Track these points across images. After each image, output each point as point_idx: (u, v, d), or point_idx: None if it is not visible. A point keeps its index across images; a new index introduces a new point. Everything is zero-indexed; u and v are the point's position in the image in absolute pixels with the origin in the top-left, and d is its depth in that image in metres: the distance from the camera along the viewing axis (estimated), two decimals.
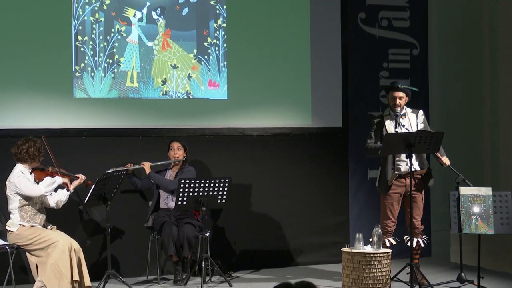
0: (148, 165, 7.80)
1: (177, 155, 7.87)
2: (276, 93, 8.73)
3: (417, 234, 7.51)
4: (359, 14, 9.03)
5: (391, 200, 7.53)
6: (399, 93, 7.48)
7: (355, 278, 6.89)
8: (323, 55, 8.89)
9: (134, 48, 8.24)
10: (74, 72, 8.05)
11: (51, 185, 6.91)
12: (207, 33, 8.47)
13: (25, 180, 6.85)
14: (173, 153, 7.88)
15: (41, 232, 6.85)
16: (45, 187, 6.86)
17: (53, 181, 6.93)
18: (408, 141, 7.03)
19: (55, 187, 6.95)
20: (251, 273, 8.37)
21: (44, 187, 6.86)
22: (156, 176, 7.81)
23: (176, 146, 7.88)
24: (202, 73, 8.47)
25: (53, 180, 6.93)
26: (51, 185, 6.90)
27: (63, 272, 6.70)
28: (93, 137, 8.12)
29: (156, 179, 7.79)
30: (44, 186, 6.86)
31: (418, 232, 7.50)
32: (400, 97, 7.48)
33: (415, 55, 9.23)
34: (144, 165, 7.80)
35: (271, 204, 8.77)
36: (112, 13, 8.14)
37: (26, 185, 6.83)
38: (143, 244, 8.06)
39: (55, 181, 6.94)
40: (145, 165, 7.80)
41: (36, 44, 7.92)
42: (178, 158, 7.89)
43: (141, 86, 8.27)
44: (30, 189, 6.83)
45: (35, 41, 7.91)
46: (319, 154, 8.91)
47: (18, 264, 7.49)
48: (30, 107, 7.92)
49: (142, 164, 7.81)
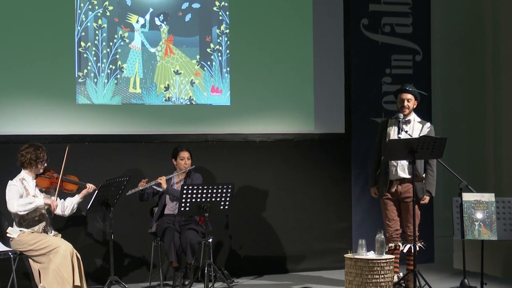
0: (164, 180, 7.72)
1: (187, 165, 7.86)
2: (279, 99, 8.76)
3: (409, 241, 7.50)
4: (362, 20, 9.06)
5: (385, 204, 7.60)
6: (407, 95, 7.49)
7: (358, 284, 6.89)
8: (325, 61, 8.92)
9: (137, 54, 8.27)
10: (77, 78, 8.09)
11: (27, 205, 6.81)
12: (210, 39, 8.50)
13: (11, 192, 6.84)
14: (183, 163, 7.85)
15: (42, 237, 6.86)
16: (19, 205, 6.79)
17: (30, 202, 6.83)
18: (411, 147, 7.03)
19: (32, 207, 6.83)
20: (253, 279, 8.38)
21: (18, 205, 6.79)
22: (172, 190, 7.78)
23: (187, 156, 7.86)
24: (205, 79, 8.50)
25: (30, 200, 6.83)
26: (26, 205, 6.81)
27: (65, 278, 6.71)
28: (96, 143, 8.14)
29: (173, 193, 7.75)
30: (18, 204, 6.79)
31: (410, 239, 7.47)
32: (408, 99, 7.49)
33: (417, 61, 9.25)
34: (161, 180, 7.71)
35: (274, 210, 8.79)
36: (115, 19, 8.18)
37: (8, 196, 6.84)
38: (146, 250, 8.08)
39: (32, 201, 6.83)
40: (162, 181, 7.71)
41: (39, 50, 7.95)
42: (188, 167, 7.88)
43: (144, 92, 8.30)
44: (8, 203, 6.83)
45: (38, 47, 7.95)
46: (321, 160, 8.93)
47: (21, 271, 7.50)
48: (33, 113, 7.95)
49: (158, 180, 7.71)
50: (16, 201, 6.80)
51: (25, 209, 6.82)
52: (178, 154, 7.87)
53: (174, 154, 7.89)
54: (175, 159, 7.89)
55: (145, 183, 7.68)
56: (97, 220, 8.11)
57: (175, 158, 7.89)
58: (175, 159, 7.89)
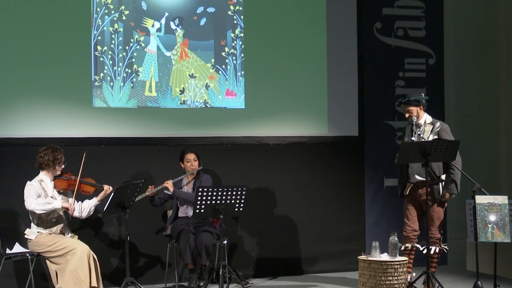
0: (170, 184, 7.76)
1: (194, 166, 7.89)
2: (292, 102, 8.78)
3: (431, 243, 7.46)
4: (375, 24, 9.07)
5: (406, 204, 7.61)
6: (407, 107, 7.51)
7: (371, 286, 6.91)
8: (339, 64, 8.93)
9: (153, 58, 8.32)
10: (94, 81, 8.14)
11: (45, 205, 6.85)
12: (225, 43, 8.54)
13: (29, 191, 6.90)
14: (190, 165, 7.88)
15: (59, 239, 6.91)
16: (37, 203, 6.83)
17: (49, 202, 6.88)
18: (424, 150, 7.03)
19: (49, 208, 6.87)
20: (268, 281, 8.40)
21: (36, 204, 6.83)
22: (180, 192, 7.81)
23: (193, 158, 7.89)
24: (220, 83, 8.54)
25: (49, 201, 6.89)
26: (45, 205, 6.85)
27: (82, 279, 6.75)
28: (112, 146, 8.18)
29: (180, 195, 7.79)
30: (36, 202, 6.83)
31: (432, 241, 7.46)
32: (409, 110, 7.51)
33: (431, 64, 9.25)
34: (167, 184, 7.76)
35: (288, 213, 8.79)
36: (131, 24, 8.24)
37: (26, 195, 6.89)
38: (161, 251, 8.11)
39: (51, 203, 6.88)
40: (168, 185, 7.76)
41: (56, 54, 8.00)
42: (195, 169, 7.91)
43: (160, 96, 8.34)
44: (26, 200, 6.88)
45: (55, 51, 8.00)
46: (335, 162, 8.94)
47: (38, 271, 7.55)
48: (51, 116, 8.00)
49: (164, 184, 7.76)
50: (34, 199, 6.84)
51: (43, 209, 6.85)
52: (184, 157, 7.90)
53: (181, 157, 7.93)
54: (182, 162, 7.93)
55: (152, 188, 7.72)
56: (113, 222, 8.15)
57: (182, 161, 7.93)
58: (182, 162, 7.93)
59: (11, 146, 7.85)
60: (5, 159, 7.84)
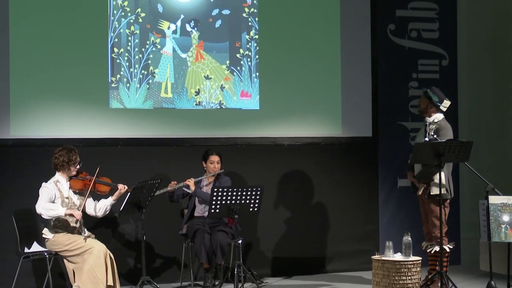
0: (192, 182, 7.81)
1: (216, 168, 7.93)
2: (307, 103, 8.80)
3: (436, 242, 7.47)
4: (389, 26, 9.10)
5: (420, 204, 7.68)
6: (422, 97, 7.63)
7: (385, 285, 6.94)
8: (353, 66, 8.95)
9: (168, 59, 8.38)
10: (110, 83, 8.20)
11: (49, 211, 6.86)
12: (240, 44, 8.59)
13: (42, 194, 6.93)
14: (213, 167, 7.91)
15: (76, 238, 6.94)
16: (42, 208, 6.86)
17: (53, 208, 6.89)
18: (437, 151, 7.06)
19: (53, 214, 6.87)
20: (282, 280, 8.42)
21: (41, 208, 6.86)
22: (200, 192, 7.85)
23: (216, 160, 7.92)
24: (235, 84, 8.58)
25: (53, 207, 6.89)
26: (49, 211, 6.86)
27: (99, 277, 6.78)
28: (128, 146, 8.22)
29: (201, 195, 7.83)
30: (42, 207, 6.86)
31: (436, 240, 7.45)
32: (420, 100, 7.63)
33: (444, 65, 9.26)
34: (190, 182, 7.80)
35: (302, 213, 8.82)
36: (147, 26, 8.30)
37: (40, 197, 6.93)
38: (177, 251, 8.14)
39: (54, 209, 6.89)
40: (190, 183, 7.80)
41: (74, 56, 8.07)
42: (217, 171, 7.95)
43: (175, 97, 8.40)
44: (37, 202, 6.91)
45: (72, 53, 8.07)
46: (349, 163, 8.95)
47: (56, 270, 7.62)
48: (68, 117, 8.06)
49: (187, 182, 7.81)
50: (42, 203, 6.88)
51: (47, 214, 6.88)
52: (209, 158, 7.93)
53: (205, 157, 7.96)
54: (205, 162, 7.96)
55: (174, 184, 7.77)
56: (129, 222, 8.19)
57: (205, 161, 7.96)
58: (205, 162, 7.96)
59: (29, 147, 7.92)
60: (23, 159, 7.91)
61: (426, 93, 7.58)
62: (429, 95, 7.55)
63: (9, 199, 7.80)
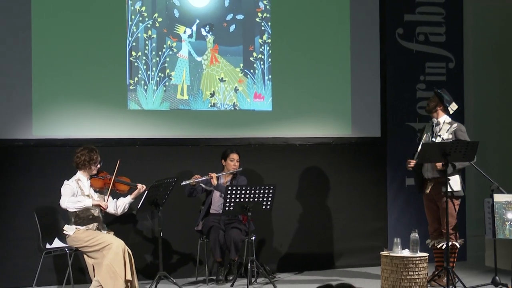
0: (215, 176, 7.89)
1: (235, 166, 8.02)
2: (317, 104, 8.87)
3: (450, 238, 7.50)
4: (397, 30, 9.15)
5: (425, 203, 7.78)
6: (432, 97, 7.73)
7: (393, 280, 6.99)
8: (362, 68, 9.01)
9: (184, 63, 8.48)
10: (128, 85, 8.30)
11: (76, 203, 6.97)
12: (253, 48, 8.67)
13: (65, 190, 7.04)
14: (233, 164, 8.01)
15: (96, 235, 7.05)
16: (69, 202, 6.96)
17: (80, 201, 6.99)
18: (444, 150, 7.13)
19: (80, 206, 6.98)
20: (294, 275, 8.50)
21: (67, 202, 6.96)
22: (222, 186, 7.89)
23: (237, 158, 8.02)
24: (248, 86, 8.67)
25: (80, 199, 7.01)
26: (76, 203, 6.97)
27: (118, 273, 6.86)
28: (146, 147, 8.30)
29: (222, 190, 7.83)
30: (68, 201, 6.96)
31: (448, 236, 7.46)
32: (430, 98, 7.73)
33: (450, 68, 9.30)
34: (212, 176, 7.89)
35: (313, 210, 8.88)
36: (164, 30, 8.40)
37: (62, 193, 7.03)
38: (192, 247, 8.24)
39: (82, 201, 7.00)
40: (213, 176, 7.89)
41: (94, 59, 8.16)
42: (237, 169, 8.06)
43: (191, 99, 8.50)
44: (61, 199, 7.02)
45: (92, 56, 8.16)
46: (358, 162, 9.01)
47: (76, 265, 7.70)
48: (88, 118, 8.14)
49: (210, 175, 7.88)
50: (67, 198, 6.98)
51: (75, 207, 6.98)
52: (229, 156, 8.02)
53: (224, 155, 8.05)
54: (224, 160, 8.05)
55: (197, 178, 7.84)
56: (147, 219, 8.27)
57: (224, 159, 8.05)
58: (224, 160, 8.05)
59: (50, 147, 8.02)
60: (44, 159, 8.00)
61: (437, 93, 7.66)
62: (441, 94, 7.64)
63: (31, 198, 7.87)
